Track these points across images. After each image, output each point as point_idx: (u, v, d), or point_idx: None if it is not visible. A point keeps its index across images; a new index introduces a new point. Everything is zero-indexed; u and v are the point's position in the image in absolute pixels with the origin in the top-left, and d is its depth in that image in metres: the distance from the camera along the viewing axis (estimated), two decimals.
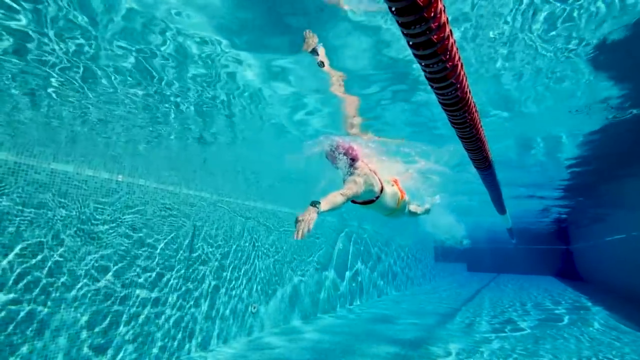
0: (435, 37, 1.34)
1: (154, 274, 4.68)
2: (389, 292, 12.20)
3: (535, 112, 3.85)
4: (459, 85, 1.74)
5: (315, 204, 2.69)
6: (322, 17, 2.28)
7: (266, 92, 3.26)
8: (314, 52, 2.56)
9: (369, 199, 3.78)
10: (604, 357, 4.94)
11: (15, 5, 2.03)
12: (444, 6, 1.24)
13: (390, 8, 1.22)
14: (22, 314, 3.39)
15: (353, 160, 3.89)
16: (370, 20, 2.30)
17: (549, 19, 2.29)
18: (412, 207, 5.10)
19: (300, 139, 4.55)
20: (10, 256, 3.37)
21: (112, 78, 2.88)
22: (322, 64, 2.71)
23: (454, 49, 1.48)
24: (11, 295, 3.34)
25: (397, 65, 2.83)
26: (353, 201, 3.74)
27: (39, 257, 3.57)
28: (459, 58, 1.57)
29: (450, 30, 1.37)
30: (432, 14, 1.21)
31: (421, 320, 7.69)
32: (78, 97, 3.16)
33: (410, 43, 1.43)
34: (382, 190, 3.86)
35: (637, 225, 10.17)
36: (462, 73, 1.67)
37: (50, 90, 3.03)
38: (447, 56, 1.47)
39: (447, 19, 1.30)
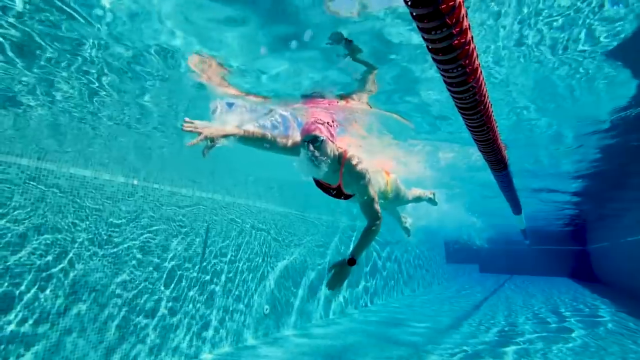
0: (456, 42, 1.32)
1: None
2: (400, 293, 12.12)
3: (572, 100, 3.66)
4: (477, 90, 1.71)
5: (353, 261, 2.77)
6: None
7: None
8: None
9: None
10: None
11: None
12: (466, 12, 1.22)
13: (411, 13, 1.21)
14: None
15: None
16: None
17: None
18: (415, 192, 4.69)
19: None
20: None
21: None
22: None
23: (475, 53, 1.46)
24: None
25: None
26: (334, 195, 3.24)
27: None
28: (479, 63, 1.54)
29: (472, 36, 1.35)
30: (454, 20, 1.19)
31: (435, 325, 7.61)
32: None
33: (430, 47, 1.41)
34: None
35: None
36: (481, 78, 1.65)
37: None
38: (467, 61, 1.45)
39: (469, 24, 1.28)
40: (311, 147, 2.81)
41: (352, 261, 2.77)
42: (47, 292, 3.50)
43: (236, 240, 5.93)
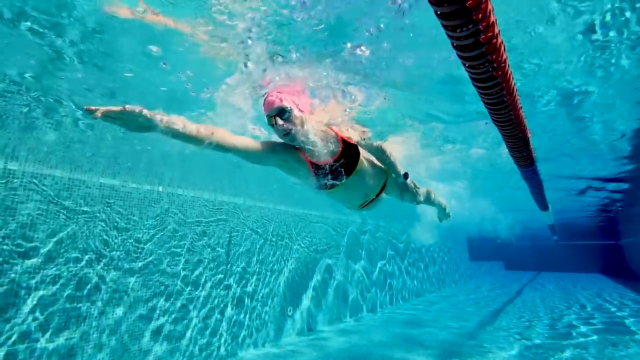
0: (483, 37, 1.28)
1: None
2: (423, 292, 11.93)
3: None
4: (505, 85, 1.66)
5: (405, 176, 3.12)
6: None
7: None
8: None
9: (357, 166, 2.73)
10: None
11: None
12: (492, 7, 1.18)
13: (435, 12, 1.19)
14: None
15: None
16: None
17: None
18: (425, 191, 3.92)
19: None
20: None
21: None
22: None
23: (502, 47, 1.41)
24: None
25: None
26: (346, 163, 2.62)
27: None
28: (507, 58, 1.49)
29: (499, 30, 1.31)
30: (481, 15, 1.16)
31: (460, 323, 7.45)
32: None
33: (455, 45, 1.38)
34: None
35: None
36: (509, 72, 1.59)
37: None
38: (495, 56, 1.40)
39: (496, 19, 1.24)
40: (279, 122, 2.26)
41: (405, 176, 3.09)
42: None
43: (257, 244, 6.00)
